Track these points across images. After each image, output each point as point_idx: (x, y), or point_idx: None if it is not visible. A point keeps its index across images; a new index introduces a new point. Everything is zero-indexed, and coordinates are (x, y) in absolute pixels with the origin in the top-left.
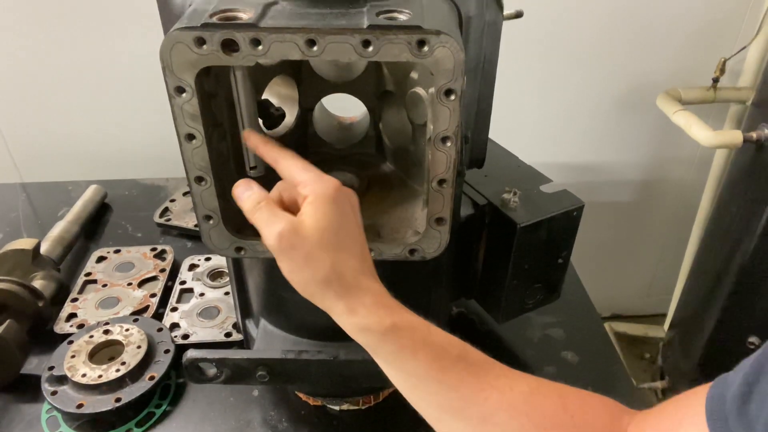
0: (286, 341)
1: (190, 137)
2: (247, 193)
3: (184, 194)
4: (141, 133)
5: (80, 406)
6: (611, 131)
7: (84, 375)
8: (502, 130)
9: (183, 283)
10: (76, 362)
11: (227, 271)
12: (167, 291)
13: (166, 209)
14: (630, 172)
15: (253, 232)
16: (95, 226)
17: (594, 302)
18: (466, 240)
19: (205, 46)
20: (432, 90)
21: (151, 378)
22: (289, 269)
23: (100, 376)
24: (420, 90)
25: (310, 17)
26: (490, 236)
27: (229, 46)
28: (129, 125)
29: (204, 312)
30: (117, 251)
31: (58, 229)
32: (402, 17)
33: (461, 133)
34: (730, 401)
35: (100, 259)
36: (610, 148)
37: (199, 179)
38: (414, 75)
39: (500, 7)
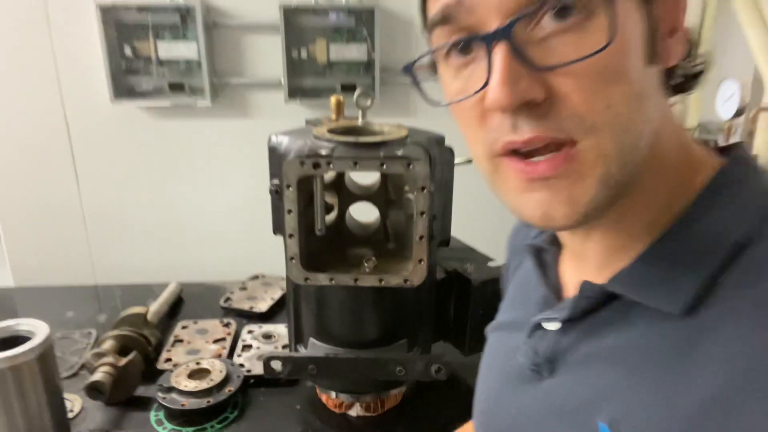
0: (327, 349)
1: (290, 211)
2: None
3: (240, 289)
4: (206, 258)
5: (183, 405)
6: None
7: (185, 386)
8: (476, 240)
9: (244, 341)
10: (179, 379)
11: (275, 334)
12: (233, 348)
13: (228, 298)
14: None
15: (314, 270)
16: (176, 309)
17: None
18: (441, 296)
19: (304, 166)
20: (415, 191)
21: (230, 390)
22: None
23: (196, 386)
24: (410, 195)
25: (355, 152)
26: (456, 292)
27: (316, 165)
28: (197, 250)
29: (259, 357)
30: (195, 322)
31: (155, 306)
32: (399, 153)
33: (431, 212)
34: None
35: (184, 327)
36: None
37: (291, 235)
38: (406, 188)
39: (452, 154)
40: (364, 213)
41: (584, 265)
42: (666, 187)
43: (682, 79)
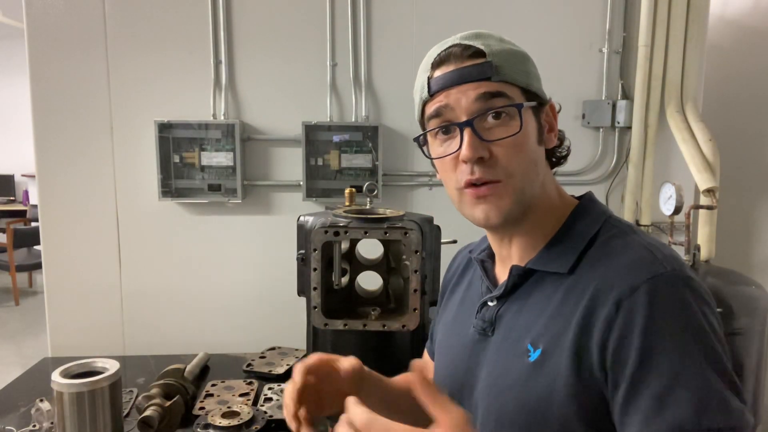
0: None
1: (315, 269)
2: (358, 410)
3: (260, 357)
4: (228, 333)
5: None
6: None
7: (219, 423)
8: None
9: (265, 395)
10: (214, 418)
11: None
12: (255, 401)
13: (249, 364)
14: None
15: (333, 318)
16: (204, 374)
17: None
18: None
19: (327, 233)
20: (411, 255)
21: (256, 428)
22: None
23: (228, 423)
24: (406, 261)
25: (365, 225)
26: None
27: (336, 233)
28: (222, 326)
29: (279, 407)
30: (223, 381)
31: (190, 366)
32: (399, 224)
33: (423, 271)
34: None
35: (213, 384)
36: None
37: (315, 288)
38: (404, 257)
39: (439, 230)
40: (371, 282)
41: (509, 263)
42: (550, 214)
43: (556, 159)
